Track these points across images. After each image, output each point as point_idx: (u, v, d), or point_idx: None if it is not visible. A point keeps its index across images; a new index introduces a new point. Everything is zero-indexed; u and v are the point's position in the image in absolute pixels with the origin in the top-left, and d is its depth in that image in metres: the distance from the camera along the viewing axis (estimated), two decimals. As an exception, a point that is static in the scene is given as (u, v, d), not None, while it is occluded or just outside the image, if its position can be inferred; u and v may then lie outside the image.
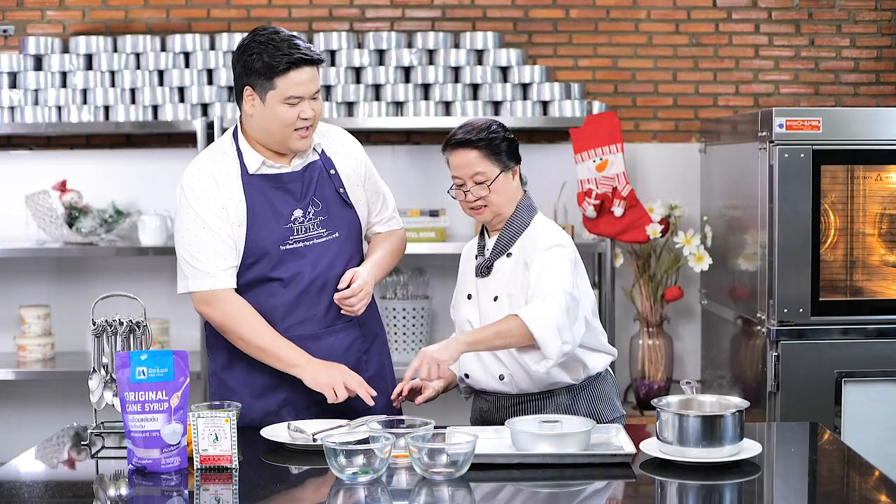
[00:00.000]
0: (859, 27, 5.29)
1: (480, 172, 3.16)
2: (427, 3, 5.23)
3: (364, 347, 3.35)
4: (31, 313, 5.03)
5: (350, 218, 3.30)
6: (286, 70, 3.09)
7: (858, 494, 2.80)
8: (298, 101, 3.12)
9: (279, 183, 3.21)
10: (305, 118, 3.14)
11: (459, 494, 2.61)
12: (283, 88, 3.10)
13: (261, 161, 3.20)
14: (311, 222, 3.23)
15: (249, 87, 3.14)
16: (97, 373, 3.10)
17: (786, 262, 4.17)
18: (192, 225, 3.17)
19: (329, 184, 3.27)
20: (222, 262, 3.17)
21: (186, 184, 3.20)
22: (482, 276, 3.24)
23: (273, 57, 3.09)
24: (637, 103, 5.28)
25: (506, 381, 3.20)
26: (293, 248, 3.21)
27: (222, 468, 2.78)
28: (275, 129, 3.15)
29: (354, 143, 3.40)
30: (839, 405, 4.21)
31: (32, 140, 5.21)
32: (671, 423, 2.77)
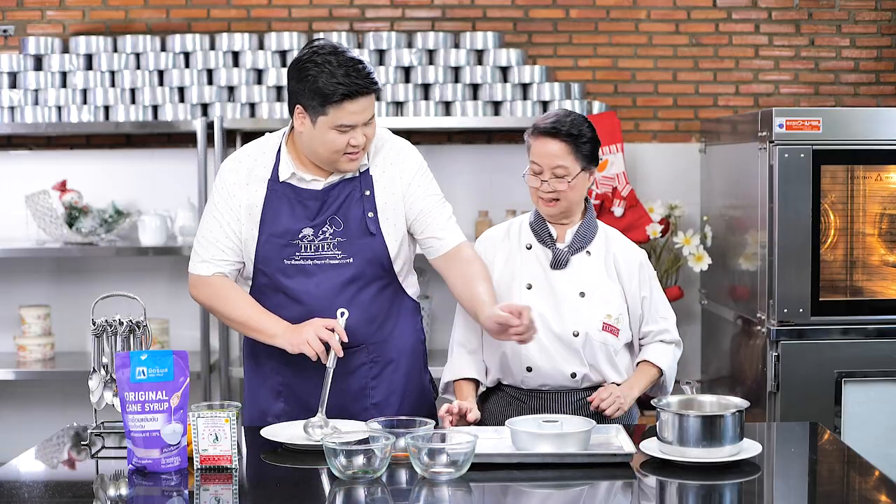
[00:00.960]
0: (859, 27, 5.29)
1: (563, 166, 3.16)
2: (427, 3, 5.23)
3: (373, 373, 3.24)
4: (31, 313, 5.03)
5: (372, 246, 3.16)
6: (340, 101, 2.99)
7: (858, 494, 2.80)
8: (350, 129, 3.03)
9: (298, 197, 3.14)
10: (355, 145, 3.05)
11: (459, 494, 2.61)
12: (336, 117, 3.00)
13: (291, 172, 3.13)
14: (326, 242, 3.14)
15: (300, 106, 3.04)
16: (97, 373, 3.10)
17: (786, 262, 4.17)
18: (208, 211, 3.22)
19: (358, 206, 3.15)
20: (219, 253, 3.18)
21: (220, 170, 3.22)
22: (559, 269, 3.23)
23: (328, 84, 2.97)
24: (637, 103, 5.28)
25: (577, 378, 3.21)
26: (300, 265, 3.14)
27: (222, 468, 2.78)
28: (323, 152, 3.07)
29: (404, 155, 3.23)
30: (839, 405, 4.21)
31: (32, 140, 5.21)
32: (671, 424, 2.76)
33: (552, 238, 3.25)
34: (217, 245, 3.18)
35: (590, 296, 3.20)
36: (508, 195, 5.18)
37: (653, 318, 3.28)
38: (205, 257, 3.20)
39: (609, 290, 3.22)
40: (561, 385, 3.23)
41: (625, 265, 3.25)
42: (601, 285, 3.22)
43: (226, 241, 3.18)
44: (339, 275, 3.15)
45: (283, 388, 3.25)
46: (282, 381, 3.25)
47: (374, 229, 3.15)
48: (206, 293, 3.21)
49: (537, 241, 3.27)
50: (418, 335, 3.36)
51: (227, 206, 3.17)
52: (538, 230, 3.27)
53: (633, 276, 3.25)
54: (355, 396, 3.21)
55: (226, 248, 3.18)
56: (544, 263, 3.24)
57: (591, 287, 3.21)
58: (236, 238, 3.17)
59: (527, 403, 3.26)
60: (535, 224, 3.28)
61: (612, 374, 3.23)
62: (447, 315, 4.00)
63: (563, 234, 3.26)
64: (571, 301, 3.20)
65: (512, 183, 5.20)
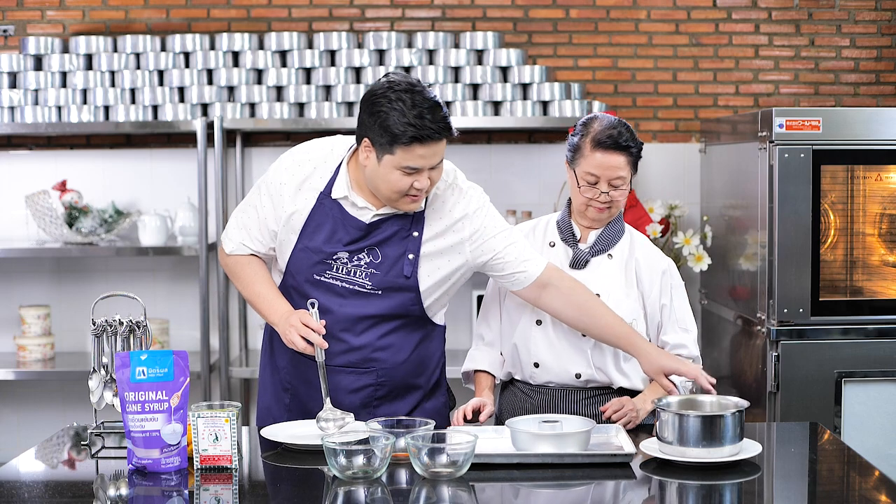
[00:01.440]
0: (859, 27, 5.29)
1: (622, 177, 3.18)
2: (427, 3, 5.23)
3: (378, 394, 3.19)
4: (31, 313, 5.03)
5: (405, 286, 3.08)
6: (409, 143, 2.88)
7: (858, 494, 2.80)
8: (415, 172, 2.92)
9: (343, 219, 3.07)
10: (419, 188, 2.95)
11: (459, 494, 2.61)
12: (402, 158, 2.90)
13: (344, 194, 3.05)
14: (359, 269, 3.09)
15: (368, 140, 2.93)
16: (97, 373, 3.10)
17: (786, 262, 4.17)
18: (252, 196, 3.20)
19: (400, 245, 3.08)
20: (247, 239, 3.18)
21: (278, 165, 3.15)
22: (578, 269, 3.24)
23: (398, 124, 2.86)
24: (637, 103, 5.28)
25: (582, 379, 3.23)
26: (328, 283, 3.10)
27: (222, 468, 2.78)
28: (384, 189, 2.96)
29: (469, 208, 3.11)
30: (839, 405, 4.21)
31: (32, 140, 5.21)
32: (671, 424, 2.76)
33: (575, 238, 3.28)
34: (248, 232, 3.19)
35: (605, 298, 3.21)
36: (508, 195, 5.18)
37: (672, 328, 3.28)
38: (233, 237, 3.22)
39: (626, 295, 3.23)
40: (566, 384, 3.25)
41: (647, 271, 3.26)
42: (618, 289, 3.24)
43: (257, 233, 3.17)
44: (365, 303, 3.10)
45: (290, 386, 3.25)
46: (290, 379, 3.25)
47: (408, 272, 3.08)
48: (227, 264, 3.26)
49: (561, 239, 3.30)
50: (438, 359, 3.31)
51: (271, 203, 3.13)
52: (563, 229, 3.30)
53: (654, 283, 3.26)
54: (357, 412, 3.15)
55: (255, 239, 3.18)
56: (564, 262, 3.27)
57: (608, 290, 3.23)
58: (269, 234, 3.16)
59: (534, 399, 3.28)
60: (562, 223, 3.31)
61: (619, 379, 3.23)
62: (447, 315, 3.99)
63: (587, 236, 3.28)
64: None
65: (512, 183, 5.20)
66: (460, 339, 5.10)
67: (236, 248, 3.21)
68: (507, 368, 3.35)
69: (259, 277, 3.19)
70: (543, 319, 3.23)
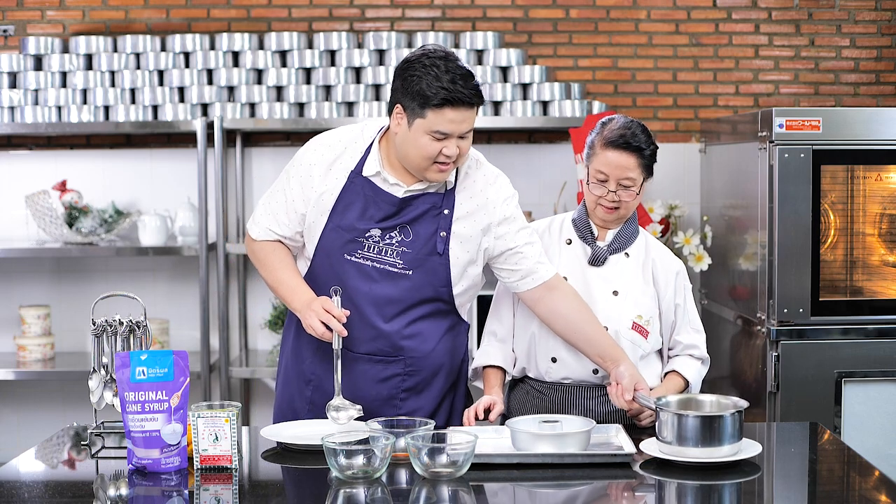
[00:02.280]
0: (859, 27, 5.29)
1: (632, 178, 3.20)
2: (427, 3, 5.23)
3: (406, 385, 3.19)
4: (31, 313, 5.03)
5: (436, 265, 3.10)
6: (440, 106, 2.93)
7: (858, 494, 2.80)
8: (445, 138, 2.97)
9: (375, 196, 3.09)
10: (448, 155, 2.99)
11: (459, 494, 2.61)
12: (433, 122, 2.95)
13: (376, 170, 3.08)
14: (390, 247, 3.10)
15: (400, 106, 3.00)
16: (97, 373, 3.10)
17: (786, 262, 4.18)
18: (280, 181, 3.20)
19: (433, 222, 3.10)
20: (274, 225, 3.18)
21: (306, 147, 3.18)
22: (596, 266, 3.26)
23: (431, 87, 2.93)
24: (637, 103, 5.28)
25: (599, 374, 3.23)
26: (359, 263, 3.10)
27: (222, 468, 2.78)
28: (414, 156, 3.01)
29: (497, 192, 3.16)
30: (839, 405, 4.21)
31: (32, 140, 5.21)
32: (670, 423, 2.77)
33: (593, 236, 3.30)
34: (275, 217, 3.18)
35: (623, 295, 3.23)
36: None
37: (685, 329, 3.30)
38: (259, 222, 3.22)
39: (642, 293, 3.25)
40: (583, 379, 3.25)
41: (662, 271, 3.29)
42: (635, 286, 3.25)
43: (284, 217, 3.17)
44: (395, 285, 3.11)
45: (314, 378, 3.23)
46: (314, 370, 3.23)
47: (441, 249, 3.10)
48: (252, 250, 3.26)
49: (578, 237, 3.31)
50: (462, 356, 3.31)
51: (300, 185, 3.14)
52: (580, 227, 3.31)
53: (669, 282, 3.28)
54: (383, 404, 3.18)
55: (282, 224, 3.18)
56: (582, 259, 3.28)
57: (626, 287, 3.25)
58: (297, 218, 3.16)
59: (548, 396, 3.28)
60: (579, 221, 3.32)
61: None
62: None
63: (604, 234, 3.30)
64: (604, 298, 3.23)
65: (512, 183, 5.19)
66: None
67: (263, 233, 3.20)
68: (520, 364, 3.34)
69: (284, 264, 3.18)
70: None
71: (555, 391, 3.28)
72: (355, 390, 3.13)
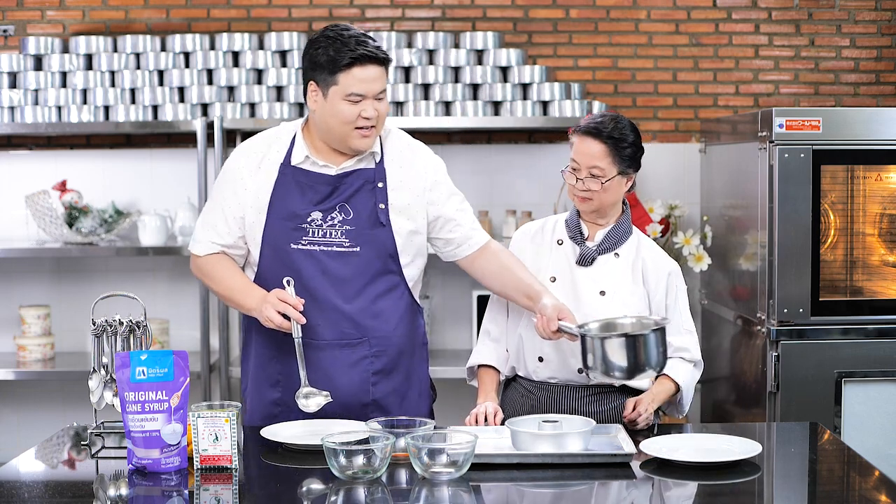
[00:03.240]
0: (859, 27, 5.29)
1: (599, 167, 3.19)
2: (427, 3, 5.23)
3: (374, 367, 3.23)
4: (31, 313, 5.03)
5: (382, 237, 3.18)
6: (349, 65, 3.06)
7: (858, 494, 2.80)
8: (361, 100, 3.08)
9: (309, 180, 3.18)
10: (367, 117, 3.09)
11: (459, 494, 2.61)
12: (346, 84, 3.07)
13: (304, 156, 3.18)
14: (334, 228, 3.17)
15: (313, 82, 3.12)
16: (97, 373, 3.10)
17: (786, 262, 4.18)
18: (212, 195, 3.27)
19: (370, 196, 3.18)
20: (215, 236, 3.23)
21: (231, 156, 3.27)
22: (584, 266, 3.26)
23: (338, 52, 3.06)
24: (637, 103, 5.28)
25: (584, 374, 3.22)
26: (307, 250, 3.16)
27: (222, 468, 2.78)
28: (335, 125, 3.12)
29: (423, 161, 3.27)
30: (839, 405, 4.21)
31: (32, 140, 5.21)
32: (593, 348, 2.87)
33: (583, 236, 3.30)
34: (214, 229, 3.22)
35: (610, 295, 3.23)
36: (509, 195, 5.18)
37: (676, 329, 3.29)
38: (200, 238, 3.26)
39: (630, 293, 3.25)
40: (569, 380, 3.26)
41: (653, 271, 3.28)
42: (623, 287, 3.25)
43: (224, 226, 3.21)
44: (346, 263, 3.17)
45: (282, 378, 3.25)
46: (282, 370, 3.24)
47: (384, 220, 3.18)
48: (198, 266, 3.28)
49: (569, 237, 3.32)
50: (421, 337, 3.37)
51: (232, 191, 3.20)
52: (571, 227, 3.32)
53: (660, 282, 3.28)
54: (357, 390, 3.21)
55: (222, 233, 3.22)
56: (571, 259, 3.29)
57: (613, 287, 3.24)
58: (236, 223, 3.20)
59: (536, 396, 3.29)
60: (570, 221, 3.33)
61: None
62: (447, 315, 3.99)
63: (594, 234, 3.30)
64: (591, 298, 3.23)
65: (512, 183, 5.20)
66: (460, 338, 5.11)
67: (206, 247, 3.24)
68: (511, 364, 3.35)
69: (231, 272, 3.23)
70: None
71: (542, 391, 3.29)
72: (328, 379, 3.16)
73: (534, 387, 3.31)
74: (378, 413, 3.19)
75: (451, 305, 5.15)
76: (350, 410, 3.19)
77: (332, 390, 3.09)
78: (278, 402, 3.26)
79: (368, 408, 3.23)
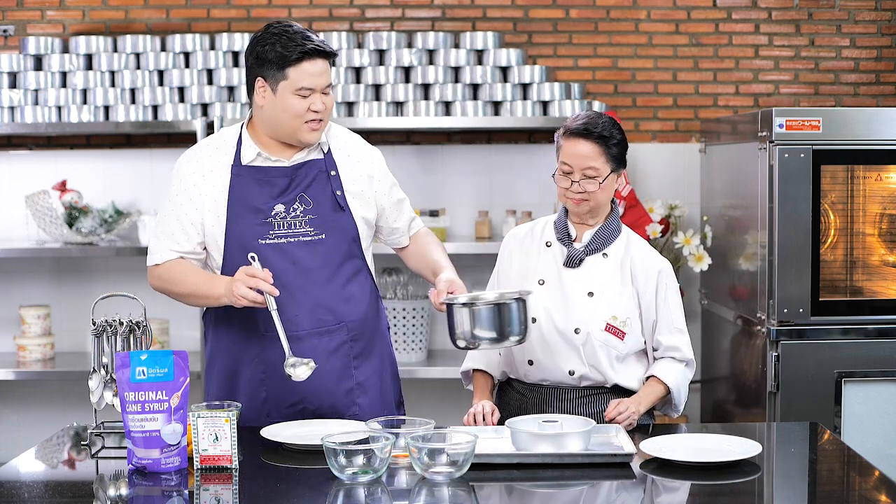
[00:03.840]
0: (859, 27, 5.29)
1: (594, 168, 3.18)
2: (427, 3, 5.23)
3: (354, 352, 3.28)
4: (31, 313, 5.03)
5: (343, 222, 3.25)
6: (299, 60, 3.11)
7: (858, 494, 2.80)
8: (310, 94, 3.14)
9: (265, 176, 3.21)
10: (316, 111, 3.15)
11: (459, 494, 2.61)
12: (295, 79, 3.12)
13: (256, 153, 3.22)
14: (297, 219, 3.21)
15: (262, 79, 3.15)
16: (97, 373, 3.10)
17: (786, 262, 4.18)
18: (164, 206, 3.26)
19: (326, 185, 3.24)
20: (172, 244, 3.22)
21: (176, 165, 3.28)
22: (572, 268, 3.25)
23: (286, 47, 3.11)
24: (637, 103, 5.28)
25: (575, 376, 3.23)
26: (275, 244, 3.19)
27: (222, 468, 2.78)
28: (285, 119, 3.16)
29: (366, 151, 3.37)
30: (839, 405, 4.21)
31: (32, 140, 5.21)
32: (461, 317, 2.96)
33: (571, 237, 3.29)
34: (172, 238, 3.22)
35: (598, 296, 3.22)
36: (509, 195, 5.18)
37: (666, 328, 3.27)
38: (157, 250, 3.24)
39: (619, 293, 3.24)
40: (560, 381, 3.25)
41: (642, 269, 3.26)
42: (611, 287, 3.24)
43: (181, 234, 3.21)
44: (314, 252, 3.21)
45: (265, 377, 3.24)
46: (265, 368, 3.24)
47: (343, 204, 3.25)
48: (158, 276, 3.25)
49: (557, 239, 3.31)
50: (385, 321, 3.45)
51: (186, 197, 3.21)
52: (559, 228, 3.31)
53: (649, 280, 3.26)
54: (340, 376, 3.25)
55: (180, 241, 3.22)
56: (559, 261, 3.28)
57: (601, 288, 3.23)
58: (194, 229, 3.21)
59: (528, 398, 3.28)
60: (558, 223, 3.32)
61: (612, 376, 3.23)
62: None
63: (582, 235, 3.29)
64: (579, 300, 3.22)
65: (512, 183, 5.20)
66: (460, 339, 5.10)
67: (164, 255, 3.22)
68: (502, 368, 3.36)
69: (194, 271, 3.23)
70: (537, 317, 3.23)
71: (534, 393, 3.28)
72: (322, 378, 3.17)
73: (526, 389, 3.30)
74: (363, 396, 3.26)
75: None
76: (335, 396, 3.23)
77: (317, 378, 3.11)
78: (265, 400, 3.25)
79: (353, 392, 3.27)
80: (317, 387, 3.17)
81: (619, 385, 3.24)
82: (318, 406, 3.23)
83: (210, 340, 3.36)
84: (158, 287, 3.28)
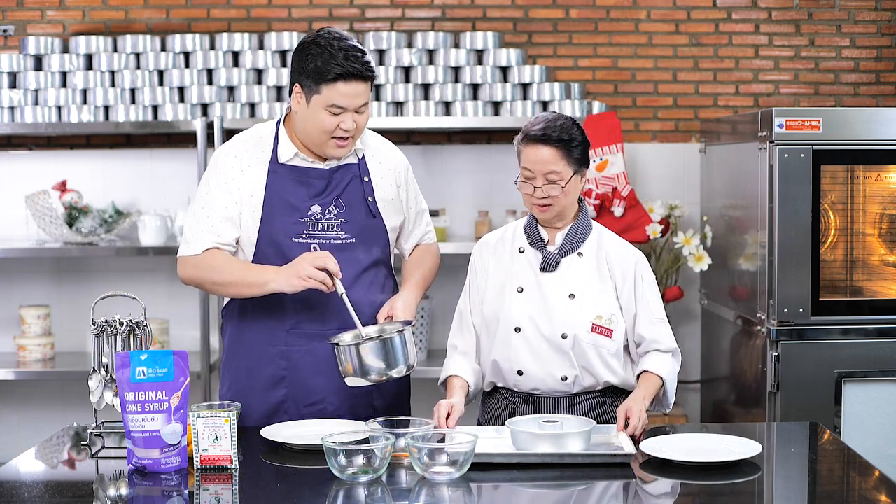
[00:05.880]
0: (859, 27, 5.29)
1: (555, 171, 3.14)
2: (427, 3, 5.23)
3: None
4: (31, 313, 5.03)
5: (373, 227, 3.26)
6: (334, 80, 3.08)
7: (858, 494, 2.80)
8: (341, 112, 3.11)
9: (304, 176, 3.21)
10: (345, 129, 3.13)
11: (459, 494, 2.61)
12: (328, 97, 3.09)
13: (294, 152, 3.21)
14: (331, 222, 3.21)
15: (298, 85, 3.15)
16: (97, 373, 3.11)
17: (786, 262, 4.18)
18: (201, 196, 3.24)
19: (359, 189, 3.25)
20: (213, 235, 3.19)
21: (215, 157, 3.26)
22: (549, 272, 3.22)
23: (327, 63, 3.07)
24: (637, 103, 5.28)
25: (568, 381, 3.19)
26: (307, 244, 3.19)
27: (222, 468, 2.78)
28: (313, 132, 3.15)
29: (395, 156, 3.37)
30: (839, 405, 4.21)
31: (32, 140, 5.21)
32: (350, 355, 2.98)
33: (543, 241, 3.24)
34: (213, 229, 3.19)
35: (580, 297, 3.19)
36: (508, 195, 5.18)
37: (646, 320, 3.23)
38: (196, 239, 3.20)
39: (600, 291, 3.20)
40: (553, 389, 3.21)
41: (618, 263, 3.23)
42: (592, 286, 3.20)
43: (221, 225, 3.19)
44: (344, 256, 3.19)
45: (286, 374, 3.24)
46: (286, 365, 3.23)
47: (374, 211, 3.26)
48: (195, 265, 3.20)
49: (529, 244, 3.26)
50: None
51: (226, 191, 3.19)
52: (530, 233, 3.27)
53: (626, 274, 3.23)
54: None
55: (222, 232, 3.19)
56: (535, 266, 3.23)
57: (582, 288, 3.20)
58: (233, 224, 3.20)
59: (520, 406, 3.24)
60: (529, 227, 3.28)
61: (605, 374, 3.20)
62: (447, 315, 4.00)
63: (555, 237, 3.25)
64: (561, 303, 3.18)
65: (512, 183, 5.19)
66: (460, 339, 5.10)
67: (203, 244, 3.19)
68: (489, 378, 3.29)
69: (235, 259, 3.22)
70: (522, 326, 3.19)
71: (525, 401, 3.24)
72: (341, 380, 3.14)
73: (516, 397, 3.25)
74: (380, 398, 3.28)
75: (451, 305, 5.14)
76: (356, 396, 3.23)
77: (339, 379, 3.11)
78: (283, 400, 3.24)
79: (372, 394, 3.28)
80: (339, 387, 3.16)
81: (611, 384, 3.23)
82: (337, 406, 3.22)
83: (229, 335, 3.34)
84: (192, 276, 3.23)
